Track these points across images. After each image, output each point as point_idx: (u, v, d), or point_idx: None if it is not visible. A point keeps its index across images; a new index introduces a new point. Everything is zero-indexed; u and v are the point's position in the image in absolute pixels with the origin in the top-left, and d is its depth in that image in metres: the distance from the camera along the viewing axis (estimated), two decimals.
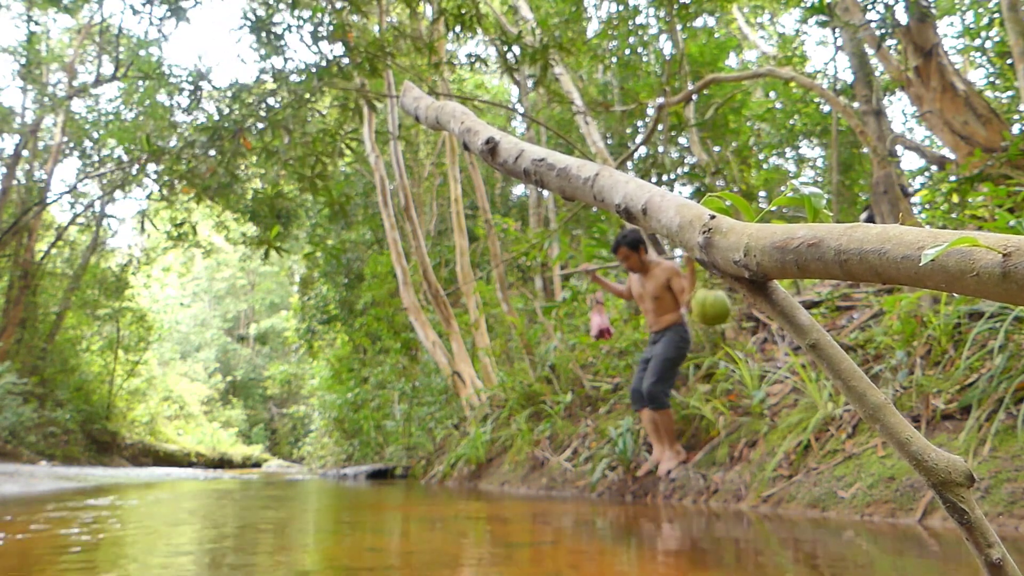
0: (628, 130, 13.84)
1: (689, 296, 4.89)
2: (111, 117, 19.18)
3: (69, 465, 16.74)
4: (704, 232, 0.82)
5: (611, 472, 5.54)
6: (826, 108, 12.80)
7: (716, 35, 14.58)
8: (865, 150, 9.75)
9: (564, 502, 4.87)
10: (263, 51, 7.19)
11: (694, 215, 0.85)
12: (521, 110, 12.84)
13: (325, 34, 6.80)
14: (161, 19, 7.80)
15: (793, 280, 5.64)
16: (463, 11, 6.85)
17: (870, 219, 8.87)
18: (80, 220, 21.43)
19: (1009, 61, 9.84)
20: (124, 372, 24.13)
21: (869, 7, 7.01)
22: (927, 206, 7.37)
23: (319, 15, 6.84)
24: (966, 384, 3.67)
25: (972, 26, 11.04)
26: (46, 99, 18.99)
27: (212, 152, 6.83)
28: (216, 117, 6.91)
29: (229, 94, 7.17)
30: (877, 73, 7.57)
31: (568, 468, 6.21)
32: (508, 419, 8.05)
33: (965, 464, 0.65)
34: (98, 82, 18.21)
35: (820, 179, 15.79)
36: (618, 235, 5.31)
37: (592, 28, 13.19)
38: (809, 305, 6.33)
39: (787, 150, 15.54)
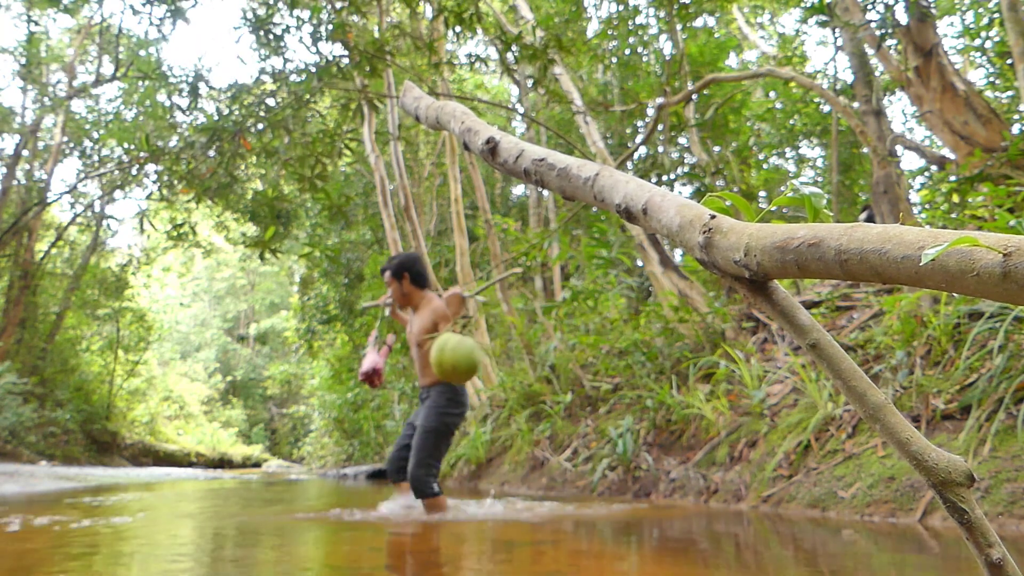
0: (628, 130, 13.83)
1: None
2: (111, 117, 19.19)
3: (69, 465, 16.74)
4: (704, 232, 0.82)
5: (611, 472, 5.54)
6: (826, 108, 12.80)
7: (716, 35, 14.57)
8: (865, 150, 9.75)
9: (564, 502, 4.87)
10: (263, 51, 7.20)
11: (694, 215, 0.85)
12: (521, 110, 12.84)
13: (324, 34, 6.80)
14: (161, 19, 7.80)
15: (793, 280, 5.64)
16: (463, 10, 6.85)
17: (870, 219, 8.87)
18: (80, 220, 21.43)
19: (1009, 61, 9.84)
20: (124, 372, 24.14)
21: (869, 7, 7.01)
22: (927, 206, 7.37)
23: (319, 15, 6.84)
24: (966, 384, 3.67)
25: (972, 26, 11.03)
26: (46, 99, 18.99)
27: (212, 153, 6.83)
28: (216, 118, 6.91)
29: (229, 94, 7.17)
30: (877, 73, 7.57)
31: (568, 468, 6.21)
32: (508, 419, 8.05)
33: (965, 464, 0.65)
34: (98, 82, 18.21)
35: (820, 179, 15.79)
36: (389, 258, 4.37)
37: (592, 28, 13.20)
38: (809, 305, 6.33)
39: (787, 150, 15.54)
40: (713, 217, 0.83)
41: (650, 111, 11.53)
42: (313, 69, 6.88)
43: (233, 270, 43.18)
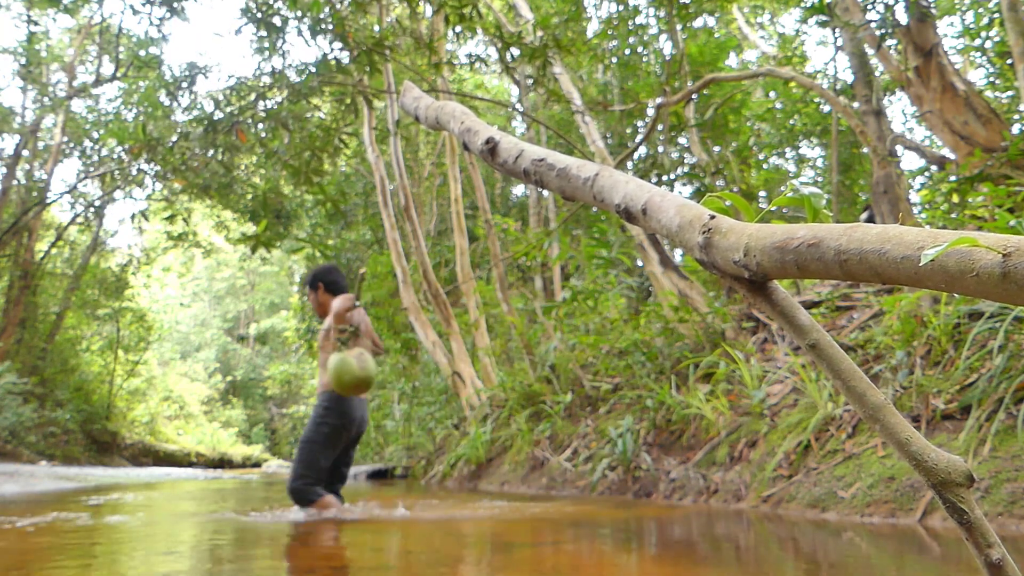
0: (628, 130, 13.83)
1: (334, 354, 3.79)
2: (111, 117, 19.19)
3: (69, 465, 16.74)
4: (704, 232, 0.82)
5: (611, 472, 5.54)
6: (826, 108, 12.80)
7: (716, 35, 14.57)
8: (865, 150, 9.75)
9: (564, 502, 4.88)
10: (262, 45, 7.18)
11: (694, 215, 0.85)
12: (521, 110, 12.84)
13: (323, 28, 6.79)
14: (161, 19, 7.80)
15: (793, 280, 5.64)
16: (463, 5, 6.84)
17: (870, 219, 8.87)
18: (80, 220, 21.43)
19: (1009, 61, 9.84)
20: (124, 372, 24.13)
21: (869, 7, 7.01)
22: (927, 206, 7.37)
23: (318, 12, 6.83)
24: (966, 384, 3.67)
25: (972, 26, 11.03)
26: (46, 99, 18.99)
27: (208, 145, 6.82)
28: (212, 111, 6.90)
29: (227, 89, 7.16)
30: (877, 73, 7.57)
31: (568, 468, 6.21)
32: (508, 419, 8.06)
33: (965, 464, 0.65)
34: (98, 82, 18.22)
35: (820, 179, 15.78)
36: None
37: (592, 28, 13.19)
38: (809, 305, 6.33)
39: (787, 150, 15.53)
40: (713, 217, 0.83)
41: (650, 111, 11.53)
42: (312, 68, 6.88)
43: (233, 270, 43.17)
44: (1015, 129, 7.93)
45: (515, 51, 7.13)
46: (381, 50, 6.91)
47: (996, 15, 10.19)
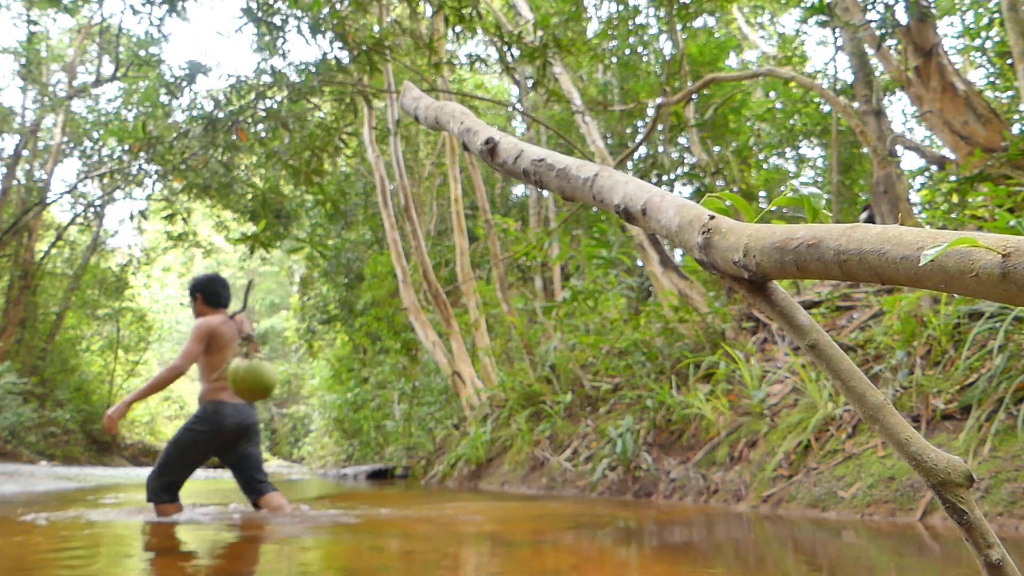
0: (628, 130, 13.83)
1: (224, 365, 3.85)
2: (111, 117, 19.19)
3: (69, 465, 16.75)
4: (703, 232, 0.82)
5: (611, 472, 5.54)
6: (826, 108, 12.80)
7: (716, 35, 14.57)
8: (865, 150, 9.75)
9: (564, 501, 4.88)
10: (262, 43, 7.18)
11: (693, 215, 0.85)
12: (521, 110, 12.84)
13: (323, 28, 6.79)
14: (161, 19, 7.80)
15: (793, 280, 5.64)
16: (463, 6, 6.84)
17: (870, 219, 8.87)
18: (80, 220, 21.44)
19: (1009, 61, 9.84)
20: (124, 372, 24.14)
21: (869, 7, 7.01)
22: (927, 206, 7.37)
23: (319, 10, 6.83)
24: (966, 384, 3.67)
25: (972, 26, 11.03)
26: (46, 99, 19.00)
27: (207, 144, 6.81)
28: (213, 109, 6.90)
29: (227, 88, 7.16)
30: (877, 73, 7.57)
31: (568, 468, 6.21)
32: (508, 419, 8.06)
33: (964, 464, 0.65)
34: (98, 82, 18.22)
35: (820, 179, 15.78)
36: None
37: (592, 28, 13.19)
38: (809, 305, 6.33)
39: (787, 150, 15.53)
40: (712, 218, 0.83)
41: (650, 111, 11.53)
42: (312, 68, 6.88)
43: (233, 270, 43.15)
44: (1015, 129, 7.93)
45: (515, 51, 7.13)
46: (381, 50, 6.91)
47: (996, 15, 10.19)
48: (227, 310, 4.21)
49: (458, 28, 7.09)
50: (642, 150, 11.15)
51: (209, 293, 4.15)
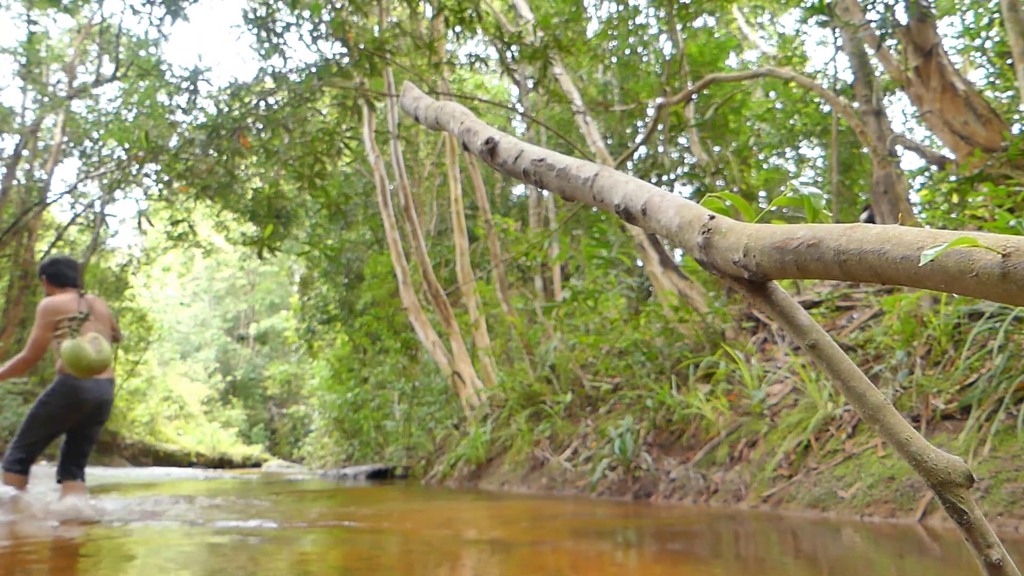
0: (628, 130, 13.83)
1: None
2: (111, 117, 19.18)
3: None
4: (703, 232, 0.82)
5: (611, 472, 5.54)
6: (826, 108, 12.80)
7: (716, 35, 14.57)
8: (865, 150, 9.75)
9: (564, 501, 4.88)
10: (263, 49, 7.18)
11: (693, 215, 0.85)
12: (521, 110, 12.84)
13: (324, 32, 6.79)
14: (161, 19, 7.80)
15: (793, 280, 5.64)
16: (463, 9, 6.84)
17: (870, 219, 8.87)
18: (80, 220, 21.43)
19: (1009, 61, 9.84)
20: (124, 372, 24.13)
21: (869, 7, 7.00)
22: (927, 206, 7.37)
23: (319, 13, 6.83)
24: (966, 384, 3.67)
25: (972, 26, 11.03)
26: (46, 99, 18.99)
27: (211, 151, 6.81)
28: (215, 115, 6.90)
29: (228, 92, 7.16)
30: (877, 73, 7.57)
31: (568, 468, 6.21)
32: (508, 419, 8.05)
33: (965, 464, 0.65)
34: (98, 82, 18.22)
35: (820, 179, 15.78)
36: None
37: (592, 28, 13.19)
38: (809, 305, 6.33)
39: (787, 150, 15.53)
40: (712, 217, 0.83)
41: (650, 111, 11.53)
42: (313, 69, 6.88)
43: (233, 270, 43.17)
44: (1015, 129, 7.93)
45: (515, 51, 7.12)
46: (382, 53, 6.90)
47: (996, 15, 10.19)
48: (76, 289, 4.36)
49: (458, 28, 7.08)
50: (642, 150, 11.14)
51: (53, 275, 4.31)
